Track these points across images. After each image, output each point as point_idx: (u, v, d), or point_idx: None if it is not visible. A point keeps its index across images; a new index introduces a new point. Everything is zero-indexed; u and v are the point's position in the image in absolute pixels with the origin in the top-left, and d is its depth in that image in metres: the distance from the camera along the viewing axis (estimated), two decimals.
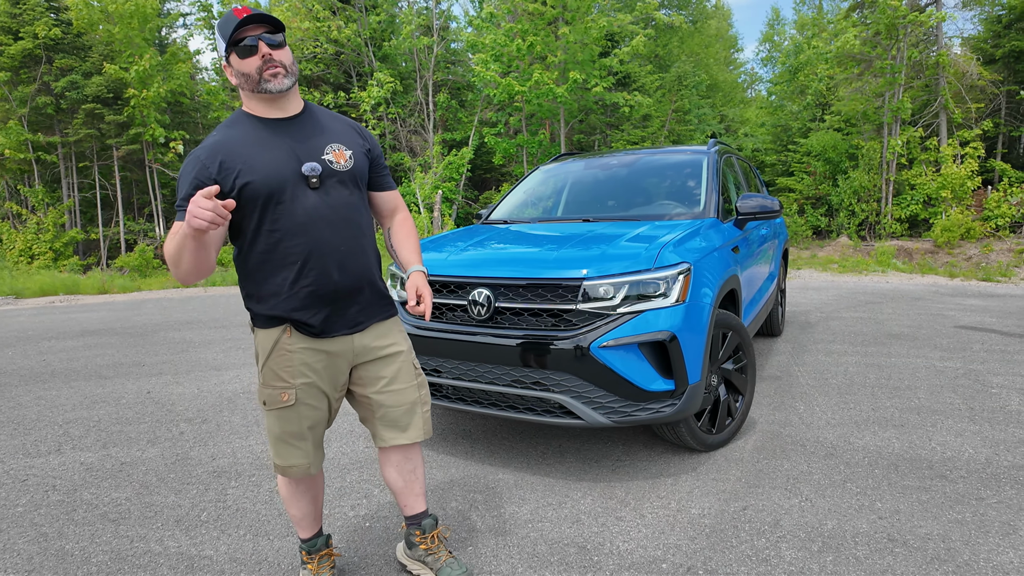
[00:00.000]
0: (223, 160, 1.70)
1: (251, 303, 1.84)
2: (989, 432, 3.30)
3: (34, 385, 4.69)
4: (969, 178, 14.59)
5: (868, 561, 2.14)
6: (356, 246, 1.85)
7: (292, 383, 1.82)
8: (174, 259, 1.63)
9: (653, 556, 2.21)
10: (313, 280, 1.78)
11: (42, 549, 2.35)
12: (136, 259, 15.98)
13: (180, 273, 1.66)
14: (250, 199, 1.71)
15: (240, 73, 1.73)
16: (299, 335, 1.82)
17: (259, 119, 1.79)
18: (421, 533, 2.08)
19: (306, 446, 1.89)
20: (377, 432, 2.00)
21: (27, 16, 17.45)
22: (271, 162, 1.72)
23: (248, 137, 1.75)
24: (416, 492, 2.09)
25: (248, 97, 1.80)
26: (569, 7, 17.01)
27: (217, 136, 1.76)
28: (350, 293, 1.85)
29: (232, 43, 1.71)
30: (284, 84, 1.74)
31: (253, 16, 1.69)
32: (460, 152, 18.94)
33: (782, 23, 34.29)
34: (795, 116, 20.84)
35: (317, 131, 1.83)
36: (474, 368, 2.83)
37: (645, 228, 3.25)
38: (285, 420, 1.85)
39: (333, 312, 1.83)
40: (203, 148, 1.73)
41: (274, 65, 1.72)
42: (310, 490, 2.01)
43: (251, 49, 1.70)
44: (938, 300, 8.19)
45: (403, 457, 2.04)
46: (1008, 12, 17.42)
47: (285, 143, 1.76)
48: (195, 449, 3.33)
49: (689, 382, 2.69)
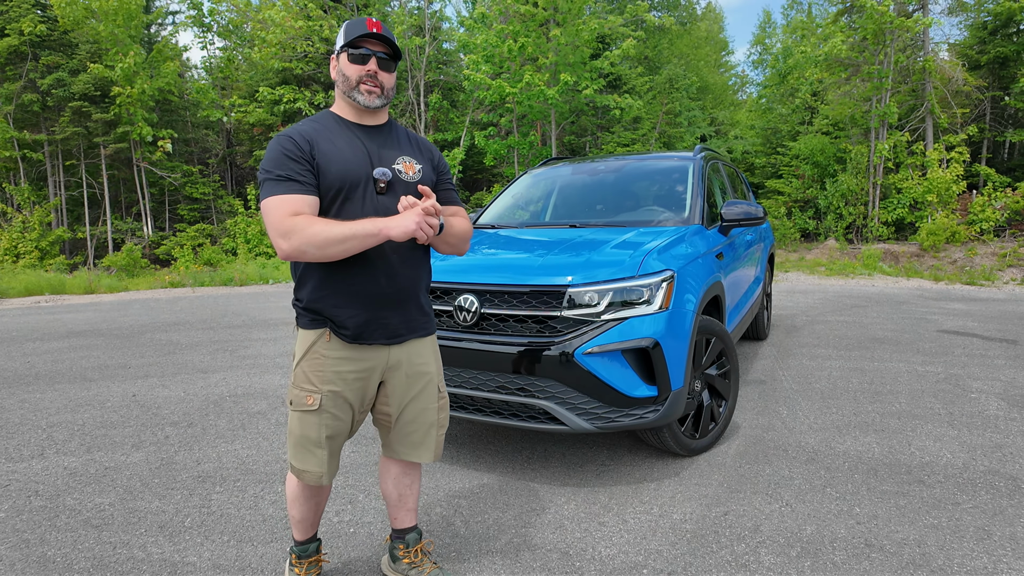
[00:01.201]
0: (311, 143, 1.77)
1: (301, 292, 1.87)
2: (967, 437, 3.36)
3: (17, 388, 4.65)
4: (954, 182, 14.77)
5: (845, 566, 2.18)
6: (409, 257, 1.88)
7: (320, 388, 1.84)
8: (335, 241, 1.65)
9: (635, 562, 2.24)
10: (360, 282, 1.80)
11: (24, 556, 2.34)
12: (123, 258, 15.84)
13: (322, 253, 1.67)
14: (325, 188, 1.76)
15: (342, 74, 1.83)
16: (337, 341, 1.84)
17: (344, 120, 1.88)
18: (405, 547, 2.11)
19: (322, 454, 1.89)
20: (388, 442, 2.03)
21: (13, 13, 17.26)
22: (350, 160, 1.79)
23: (332, 133, 1.83)
24: (408, 507, 2.12)
25: (341, 98, 1.88)
26: (560, 9, 17.06)
27: (303, 126, 1.82)
28: (394, 303, 1.87)
29: (350, 44, 1.80)
30: (375, 103, 1.84)
31: (380, 34, 1.80)
32: (451, 153, 18.93)
33: (773, 26, 34.53)
34: (784, 119, 21.02)
35: (393, 143, 1.91)
36: (459, 374, 2.84)
37: (630, 235, 3.28)
38: (306, 424, 1.87)
39: (372, 318, 1.84)
40: (294, 130, 1.80)
41: (374, 83, 1.82)
42: (315, 496, 2.03)
43: (363, 58, 1.80)
44: (922, 304, 8.30)
45: (403, 471, 2.08)
46: (993, 19, 17.66)
47: (364, 145, 1.84)
48: (180, 454, 3.32)
49: (672, 388, 2.72)
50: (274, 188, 1.71)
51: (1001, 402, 3.94)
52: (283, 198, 1.69)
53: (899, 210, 15.77)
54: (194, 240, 18.16)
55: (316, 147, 1.77)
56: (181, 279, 12.94)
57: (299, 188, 1.71)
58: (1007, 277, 11.38)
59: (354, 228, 1.66)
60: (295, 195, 1.70)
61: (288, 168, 1.72)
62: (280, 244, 1.67)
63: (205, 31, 21.23)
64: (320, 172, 1.75)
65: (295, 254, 1.67)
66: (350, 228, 1.66)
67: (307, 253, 1.67)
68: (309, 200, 1.72)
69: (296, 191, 1.70)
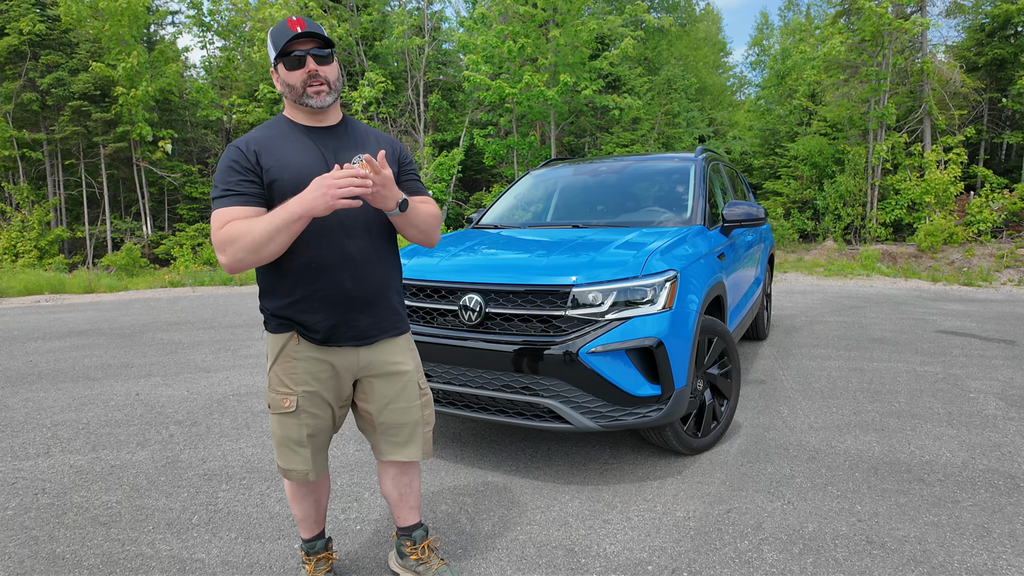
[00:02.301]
0: (258, 151, 1.75)
1: (264, 300, 1.87)
2: (966, 436, 3.39)
3: (21, 386, 4.67)
4: (952, 184, 14.83)
5: (847, 563, 2.21)
6: (373, 257, 1.86)
7: (295, 390, 1.85)
8: (263, 240, 1.62)
9: (639, 558, 2.26)
10: (325, 285, 1.79)
11: (33, 552, 2.36)
12: (123, 258, 15.83)
13: (258, 256, 1.65)
14: (278, 197, 1.73)
15: (285, 83, 1.79)
16: (305, 343, 1.84)
17: (297, 124, 1.84)
18: (412, 544, 2.12)
19: (305, 453, 1.90)
20: (377, 445, 2.03)
21: (13, 12, 17.24)
22: (304, 164, 1.77)
23: (284, 139, 1.80)
24: (411, 505, 2.11)
25: (291, 105, 1.85)
26: (560, 9, 17.09)
27: (255, 133, 1.81)
28: (362, 304, 1.85)
29: (282, 53, 1.76)
30: (326, 101, 1.79)
31: (306, 32, 1.75)
32: (451, 153, 18.95)
33: (770, 27, 34.61)
34: (783, 120, 21.07)
35: (350, 141, 1.88)
36: (464, 373, 2.87)
37: (633, 235, 3.30)
38: (286, 426, 1.88)
39: (341, 321, 1.83)
40: (242, 140, 1.78)
41: (319, 81, 1.77)
42: (312, 493, 2.04)
43: (299, 62, 1.75)
44: (920, 304, 8.34)
45: (400, 471, 2.07)
46: (991, 21, 17.73)
47: (318, 149, 1.81)
48: (185, 452, 3.34)
49: (675, 387, 2.75)
50: (217, 203, 1.72)
51: (999, 402, 3.98)
52: (220, 211, 1.70)
53: (897, 211, 15.83)
54: (194, 240, 18.15)
55: (266, 154, 1.75)
56: (181, 278, 12.94)
57: (237, 200, 1.70)
58: (1004, 278, 11.44)
59: (271, 219, 1.63)
60: (232, 208, 1.69)
61: (229, 181, 1.72)
62: (220, 259, 1.68)
63: (205, 30, 21.23)
64: (270, 180, 1.73)
65: (235, 265, 1.66)
66: (267, 221, 1.63)
67: (244, 261, 1.66)
68: (246, 211, 1.69)
69: (234, 203, 1.70)
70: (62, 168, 18.71)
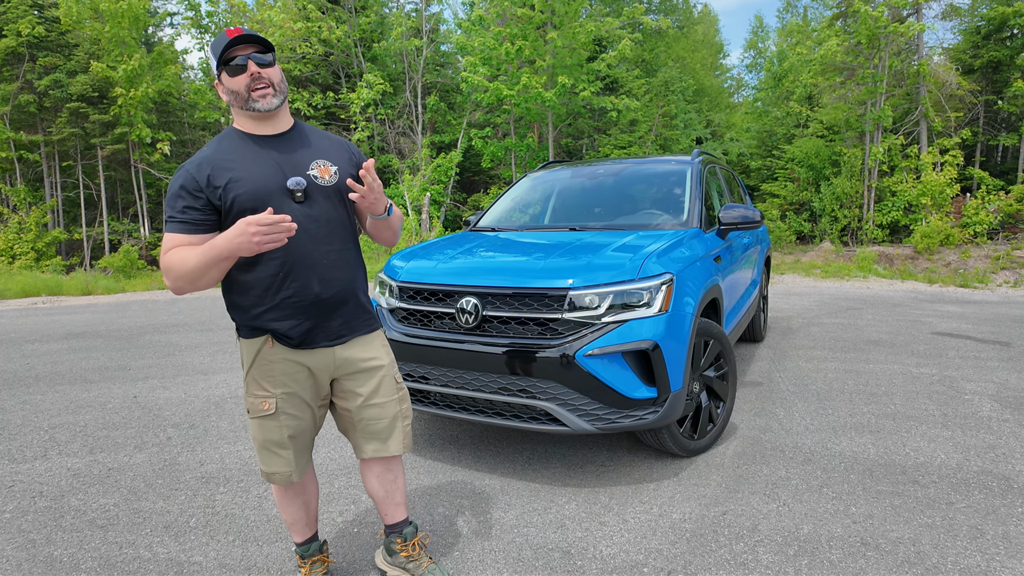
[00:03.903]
0: (211, 173, 1.75)
1: (234, 312, 1.88)
2: (961, 438, 3.41)
3: (18, 389, 4.66)
4: (948, 185, 14.88)
5: (841, 564, 2.22)
6: (339, 259, 1.89)
7: (273, 392, 1.87)
8: (196, 274, 1.67)
9: (635, 560, 2.27)
10: (295, 292, 1.82)
11: (31, 556, 2.36)
12: (120, 260, 15.81)
13: (195, 287, 1.71)
14: (237, 212, 1.74)
15: (230, 91, 1.79)
16: (280, 346, 1.86)
17: (248, 135, 1.84)
18: (403, 541, 2.13)
19: (288, 454, 1.92)
20: (357, 444, 2.04)
21: (11, 14, 17.23)
22: (258, 176, 1.77)
23: (237, 151, 1.80)
24: (397, 502, 2.13)
25: (238, 114, 1.85)
26: (558, 12, 17.14)
27: (206, 151, 1.81)
28: (332, 306, 1.88)
29: (223, 62, 1.77)
30: (272, 103, 1.80)
31: (243, 36, 1.76)
32: (449, 155, 18.97)
33: (765, 30, 34.71)
34: (779, 122, 21.13)
35: (304, 147, 1.88)
36: (462, 375, 2.88)
37: (630, 238, 3.32)
38: (266, 428, 1.90)
39: (315, 324, 1.86)
40: (192, 161, 1.79)
41: (263, 83, 1.78)
42: (300, 496, 2.06)
43: (240, 68, 1.76)
44: (916, 306, 8.37)
45: (384, 468, 2.08)
46: (986, 24, 17.81)
47: (272, 158, 1.81)
48: (183, 454, 3.34)
49: (671, 390, 2.76)
50: (166, 227, 1.76)
51: (994, 403, 4.00)
52: (167, 236, 1.75)
53: (893, 213, 15.87)
54: None
55: (219, 174, 1.75)
56: None
57: (181, 228, 1.74)
58: (1000, 280, 11.48)
59: (201, 255, 1.66)
60: (176, 235, 1.74)
61: (176, 206, 1.75)
62: (166, 282, 1.73)
63: (202, 32, 21.22)
64: (229, 196, 1.74)
65: (177, 290, 1.73)
66: (198, 256, 1.66)
67: (184, 288, 1.72)
68: (189, 238, 1.73)
69: (178, 230, 1.74)
70: (59, 170, 18.70)
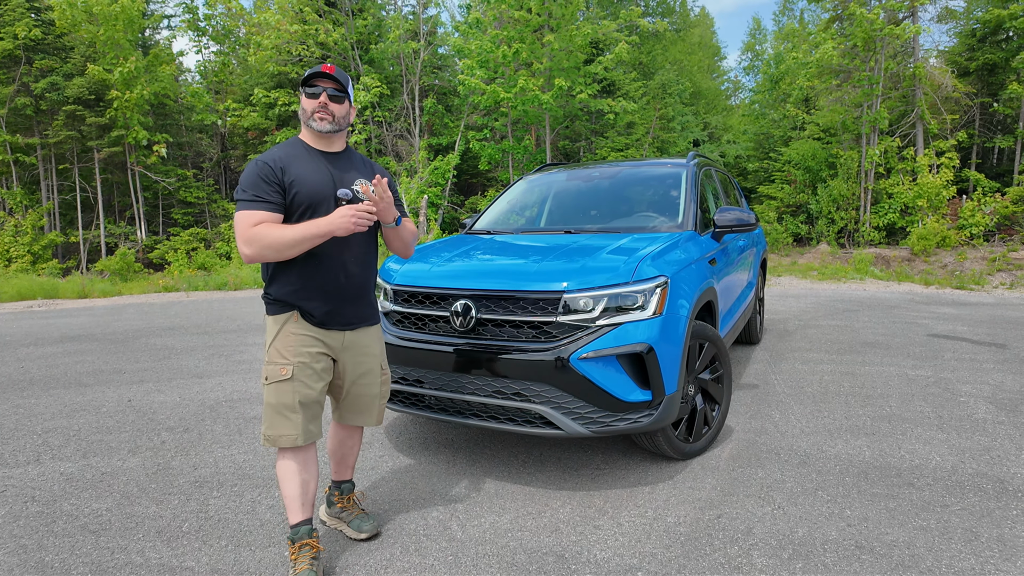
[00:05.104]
0: (284, 170, 2.17)
1: (271, 287, 2.25)
2: (956, 440, 3.41)
3: (12, 393, 4.64)
4: (944, 187, 14.93)
5: (836, 568, 2.22)
6: (363, 260, 2.33)
7: (291, 360, 2.20)
8: (290, 244, 2.07)
9: (629, 564, 2.27)
10: (324, 279, 2.23)
11: (22, 561, 2.35)
12: (117, 263, 15.78)
13: (280, 256, 2.10)
14: (296, 205, 2.17)
15: (302, 107, 2.27)
16: (303, 322, 2.24)
17: (310, 148, 2.28)
18: (340, 495, 2.54)
19: (297, 419, 2.20)
20: (339, 410, 2.46)
21: (7, 17, 17.21)
22: (317, 182, 2.21)
23: (302, 159, 2.24)
24: (348, 464, 2.57)
25: (304, 127, 2.31)
26: (555, 14, 17.16)
27: (278, 152, 2.23)
28: (350, 297, 2.30)
29: (305, 83, 2.24)
30: (326, 128, 2.24)
31: (329, 75, 2.23)
32: (446, 157, 18.97)
33: (763, 33, 34.81)
34: (776, 124, 21.17)
35: (351, 168, 2.34)
36: (456, 379, 2.87)
37: (625, 241, 3.31)
38: (281, 392, 2.19)
39: (334, 308, 2.26)
40: (269, 155, 2.20)
41: (326, 112, 2.23)
42: (301, 473, 2.26)
43: (315, 94, 2.22)
44: (913, 308, 8.38)
45: (348, 434, 2.54)
46: (982, 26, 17.87)
47: (328, 170, 2.26)
48: (177, 459, 3.33)
49: (666, 392, 2.76)
50: (245, 205, 2.12)
51: (990, 406, 4.00)
52: (249, 213, 2.10)
53: (890, 215, 15.91)
54: (188, 244, 18.12)
55: (288, 171, 2.17)
56: (175, 283, 12.90)
57: (264, 206, 2.11)
58: (996, 281, 11.50)
59: (303, 231, 2.08)
60: (259, 211, 2.10)
61: (259, 189, 2.12)
62: (244, 250, 2.09)
63: (200, 35, 21.22)
64: (292, 192, 2.15)
65: (257, 257, 2.09)
66: (300, 231, 2.08)
67: (266, 256, 2.09)
68: (271, 216, 2.12)
69: (262, 208, 2.11)
70: (56, 173, 18.66)
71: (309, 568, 2.14)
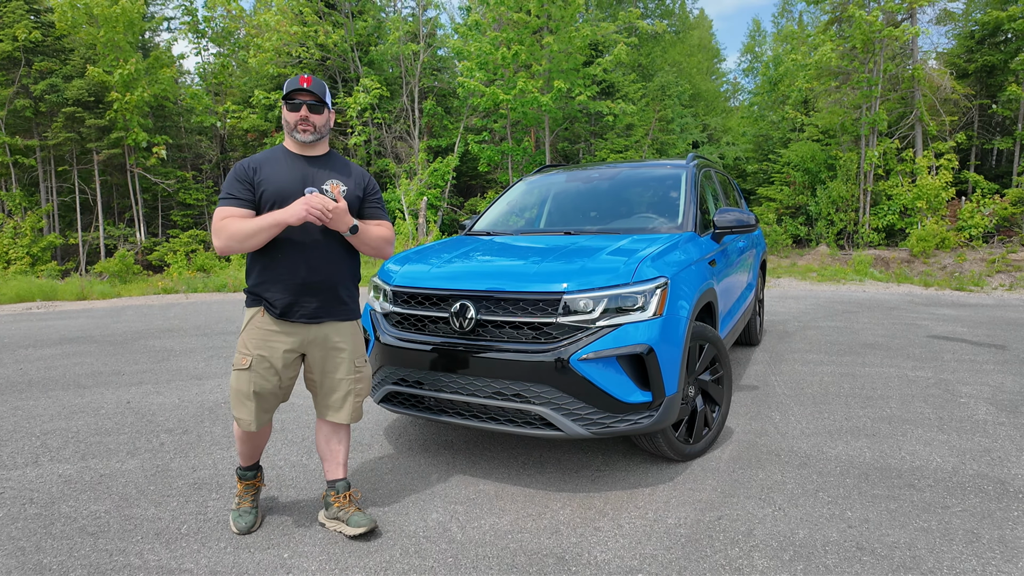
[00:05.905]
0: (256, 170, 2.38)
1: (247, 280, 2.45)
2: (956, 441, 3.40)
3: (10, 395, 4.63)
4: (944, 189, 14.95)
5: (837, 569, 2.21)
6: (328, 255, 2.43)
7: (251, 352, 2.39)
8: (248, 235, 2.26)
9: (630, 566, 2.26)
10: (286, 272, 2.38)
11: (20, 563, 2.34)
12: (116, 264, 15.77)
13: (242, 247, 2.28)
14: (264, 201, 2.35)
15: (284, 120, 2.44)
16: (269, 317, 2.39)
17: (290, 152, 2.46)
18: (335, 493, 2.55)
19: (251, 406, 2.41)
20: (317, 404, 2.58)
21: (7, 19, 17.21)
22: (285, 180, 2.38)
23: (278, 162, 2.43)
24: (338, 461, 2.59)
25: (287, 135, 2.48)
26: (554, 16, 17.18)
27: (258, 156, 2.46)
28: (313, 290, 2.41)
29: (286, 97, 2.40)
30: (308, 138, 2.43)
31: (307, 89, 2.37)
32: (445, 159, 18.98)
33: (762, 35, 34.86)
34: (775, 126, 21.19)
35: (327, 169, 2.47)
36: (456, 380, 2.86)
37: (624, 242, 3.31)
38: (240, 380, 2.41)
39: (295, 301, 2.39)
40: (249, 160, 2.42)
41: (307, 124, 2.41)
42: (252, 440, 2.56)
43: (296, 107, 2.39)
44: (912, 309, 8.38)
45: (332, 430, 2.59)
46: (980, 28, 17.91)
47: (300, 171, 2.42)
48: (175, 460, 3.32)
49: (666, 394, 2.75)
50: (220, 202, 2.34)
51: (990, 407, 3.99)
52: (220, 208, 2.33)
53: (889, 216, 15.93)
54: (187, 246, 18.11)
55: (260, 171, 2.37)
56: (174, 285, 12.89)
57: (234, 202, 2.32)
58: (996, 283, 11.51)
59: (260, 221, 2.27)
60: (229, 207, 2.32)
61: (232, 187, 2.34)
62: (214, 241, 2.32)
63: (199, 37, 21.23)
64: (260, 189, 2.35)
65: (224, 248, 2.29)
66: (257, 222, 2.27)
67: (232, 246, 2.28)
68: (240, 211, 2.32)
69: (231, 204, 2.32)
70: (55, 174, 18.66)
71: (251, 506, 2.57)
